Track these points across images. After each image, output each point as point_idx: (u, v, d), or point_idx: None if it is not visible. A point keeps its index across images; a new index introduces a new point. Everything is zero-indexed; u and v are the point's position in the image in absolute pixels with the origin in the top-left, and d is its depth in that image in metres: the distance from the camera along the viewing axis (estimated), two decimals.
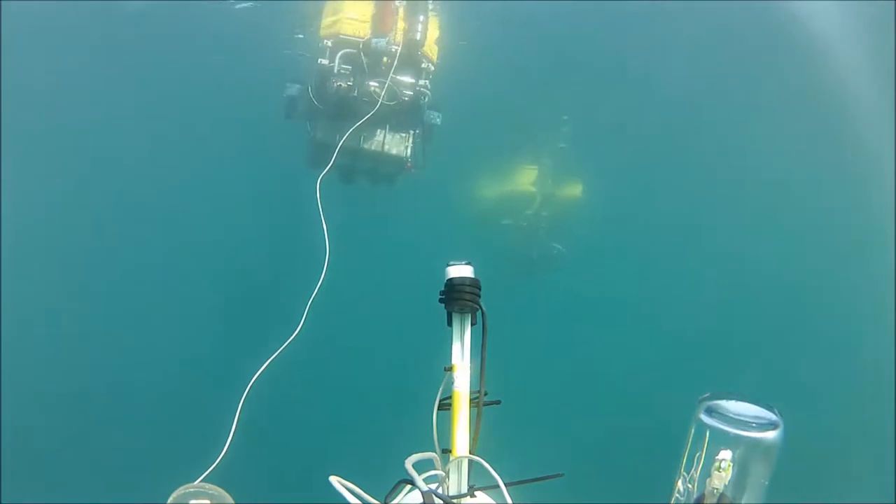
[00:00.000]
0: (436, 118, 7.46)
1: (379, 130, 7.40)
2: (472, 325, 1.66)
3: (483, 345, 1.65)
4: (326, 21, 7.47)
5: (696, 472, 1.41)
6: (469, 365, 1.63)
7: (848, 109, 11.04)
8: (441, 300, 1.66)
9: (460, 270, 1.66)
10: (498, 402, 1.67)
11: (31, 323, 12.54)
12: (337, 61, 7.02)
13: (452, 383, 1.62)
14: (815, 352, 15.06)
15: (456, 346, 1.64)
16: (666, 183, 13.66)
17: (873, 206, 12.81)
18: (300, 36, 7.37)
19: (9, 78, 10.69)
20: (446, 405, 1.64)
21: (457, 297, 1.63)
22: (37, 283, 13.06)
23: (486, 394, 1.64)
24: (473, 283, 1.64)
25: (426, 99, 7.23)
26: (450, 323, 1.66)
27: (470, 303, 1.62)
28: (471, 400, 1.62)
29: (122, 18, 10.37)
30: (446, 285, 1.65)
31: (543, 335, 15.63)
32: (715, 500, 1.38)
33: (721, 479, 1.37)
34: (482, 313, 1.65)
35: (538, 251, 13.13)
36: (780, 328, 15.28)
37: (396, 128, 7.43)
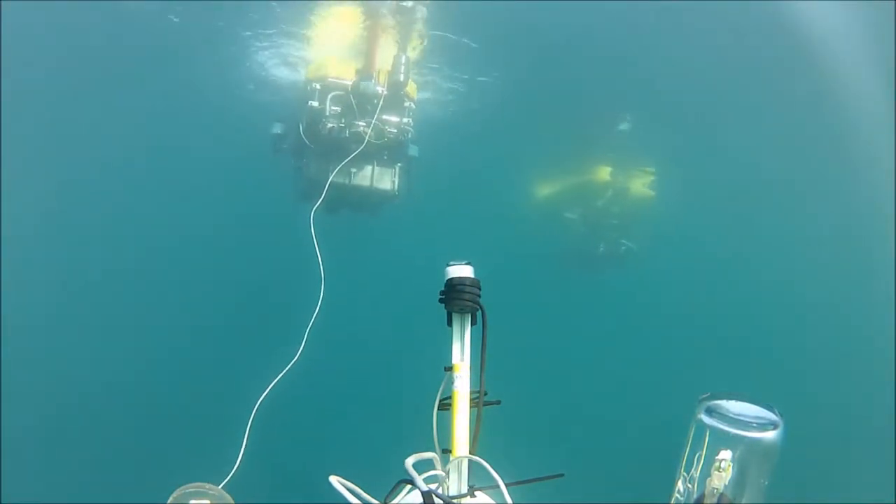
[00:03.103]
0: (414, 151, 7.86)
1: (367, 166, 7.74)
2: (472, 324, 1.66)
3: (483, 345, 1.64)
4: (314, 64, 7.91)
5: (696, 472, 1.41)
6: (469, 365, 1.63)
7: (848, 109, 11.02)
8: (441, 300, 1.66)
9: (460, 270, 1.66)
10: (498, 402, 1.67)
11: (36, 340, 12.76)
12: (328, 104, 7.41)
13: (452, 383, 1.62)
14: (815, 352, 15.07)
15: (456, 346, 1.64)
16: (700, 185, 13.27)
17: (874, 207, 12.79)
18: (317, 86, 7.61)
19: (9, 78, 10.71)
20: (446, 405, 1.64)
21: (457, 297, 1.62)
22: (50, 302, 13.35)
23: (486, 394, 1.64)
24: (473, 283, 1.64)
25: (409, 135, 7.63)
26: (450, 323, 1.66)
27: (470, 303, 1.62)
28: (471, 400, 1.62)
29: (120, 21, 10.38)
30: (446, 285, 1.65)
31: (553, 333, 15.68)
32: (715, 500, 1.38)
33: (721, 479, 1.37)
34: (482, 313, 1.64)
35: (605, 246, 12.44)
36: (781, 328, 15.30)
37: (383, 163, 7.81)
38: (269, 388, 3.03)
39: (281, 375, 3.15)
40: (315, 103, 7.47)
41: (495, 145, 13.28)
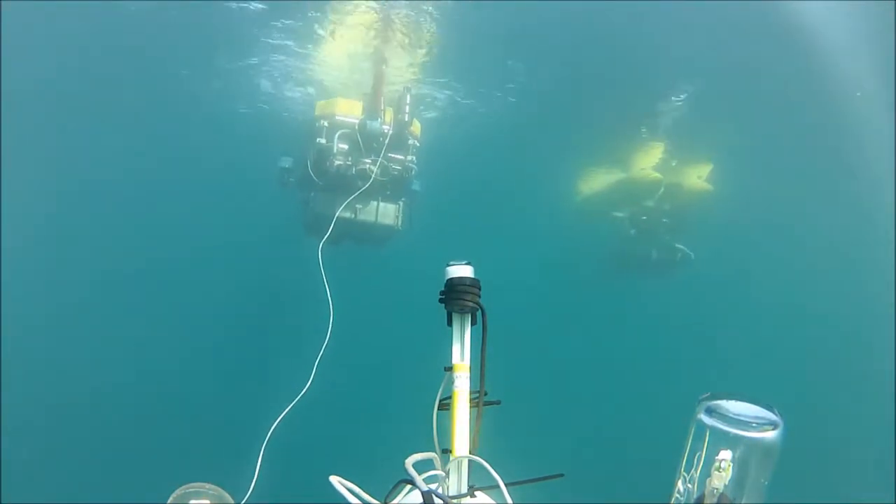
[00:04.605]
0: (418, 186, 8.17)
1: (371, 202, 7.98)
2: (472, 324, 1.66)
3: (483, 344, 1.64)
4: (322, 103, 8.20)
5: (696, 472, 1.41)
6: (469, 365, 1.63)
7: (848, 110, 10.98)
8: (441, 300, 1.66)
9: (460, 270, 1.66)
10: (498, 402, 1.67)
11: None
12: (335, 141, 7.69)
13: (452, 383, 1.62)
14: (815, 352, 15.07)
15: (456, 346, 1.64)
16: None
17: (873, 208, 12.76)
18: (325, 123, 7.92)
19: (9, 78, 10.71)
20: (446, 405, 1.64)
21: (457, 297, 1.62)
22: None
23: (486, 394, 1.64)
24: (473, 283, 1.64)
25: (413, 172, 7.92)
26: (450, 323, 1.66)
27: (470, 303, 1.62)
28: (471, 400, 1.62)
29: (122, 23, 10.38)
30: (446, 285, 1.65)
31: (572, 336, 15.66)
32: (715, 500, 1.38)
33: (721, 479, 1.37)
34: (482, 313, 1.64)
35: (658, 252, 11.16)
36: (781, 329, 15.29)
37: (386, 198, 8.06)
38: (282, 416, 3.13)
39: (292, 404, 3.24)
40: (323, 141, 7.76)
41: (527, 144, 12.70)
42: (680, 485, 1.43)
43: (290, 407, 3.24)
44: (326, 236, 6.17)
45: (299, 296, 7.97)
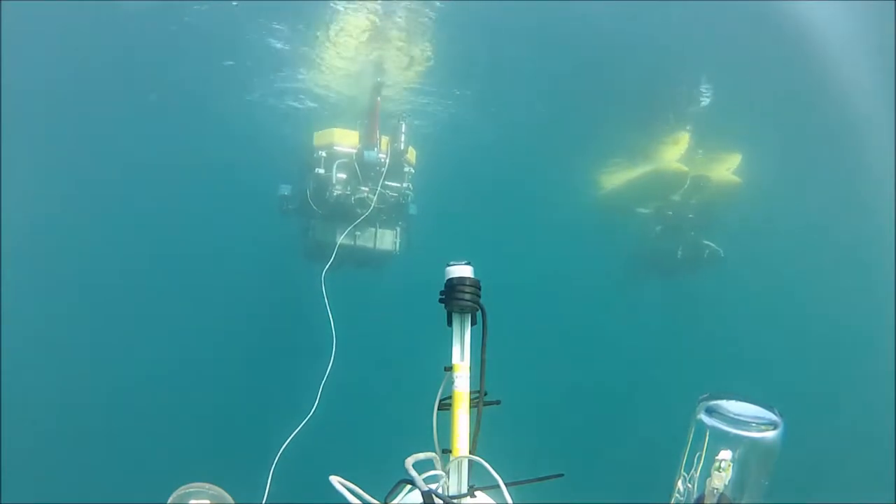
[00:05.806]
0: (414, 210, 8.34)
1: (369, 228, 8.15)
2: (472, 324, 1.66)
3: (483, 344, 1.64)
4: (320, 133, 8.36)
5: (696, 472, 1.41)
6: (469, 365, 1.63)
7: (848, 110, 10.96)
8: (441, 300, 1.66)
9: (460, 270, 1.66)
10: (498, 402, 1.67)
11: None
12: (334, 171, 7.88)
13: (452, 383, 1.62)
14: (815, 352, 15.05)
15: (456, 346, 1.64)
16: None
17: (874, 208, 12.75)
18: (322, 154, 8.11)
19: (9, 78, 10.69)
20: (446, 405, 1.64)
21: (457, 297, 1.62)
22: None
23: (486, 394, 1.64)
24: (473, 283, 1.64)
25: (409, 198, 8.14)
26: (450, 323, 1.66)
27: (470, 303, 1.62)
28: (471, 400, 1.62)
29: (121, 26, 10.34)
30: (446, 285, 1.65)
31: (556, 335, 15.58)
32: (715, 500, 1.38)
33: (721, 479, 1.37)
34: (482, 313, 1.64)
35: (684, 250, 10.69)
36: (782, 330, 15.27)
37: (384, 224, 8.25)
38: (288, 440, 3.17)
39: (298, 428, 3.29)
40: (321, 171, 7.92)
41: (545, 141, 12.25)
42: (680, 485, 1.43)
43: (297, 430, 3.29)
44: (329, 264, 6.32)
45: (304, 316, 8.05)
